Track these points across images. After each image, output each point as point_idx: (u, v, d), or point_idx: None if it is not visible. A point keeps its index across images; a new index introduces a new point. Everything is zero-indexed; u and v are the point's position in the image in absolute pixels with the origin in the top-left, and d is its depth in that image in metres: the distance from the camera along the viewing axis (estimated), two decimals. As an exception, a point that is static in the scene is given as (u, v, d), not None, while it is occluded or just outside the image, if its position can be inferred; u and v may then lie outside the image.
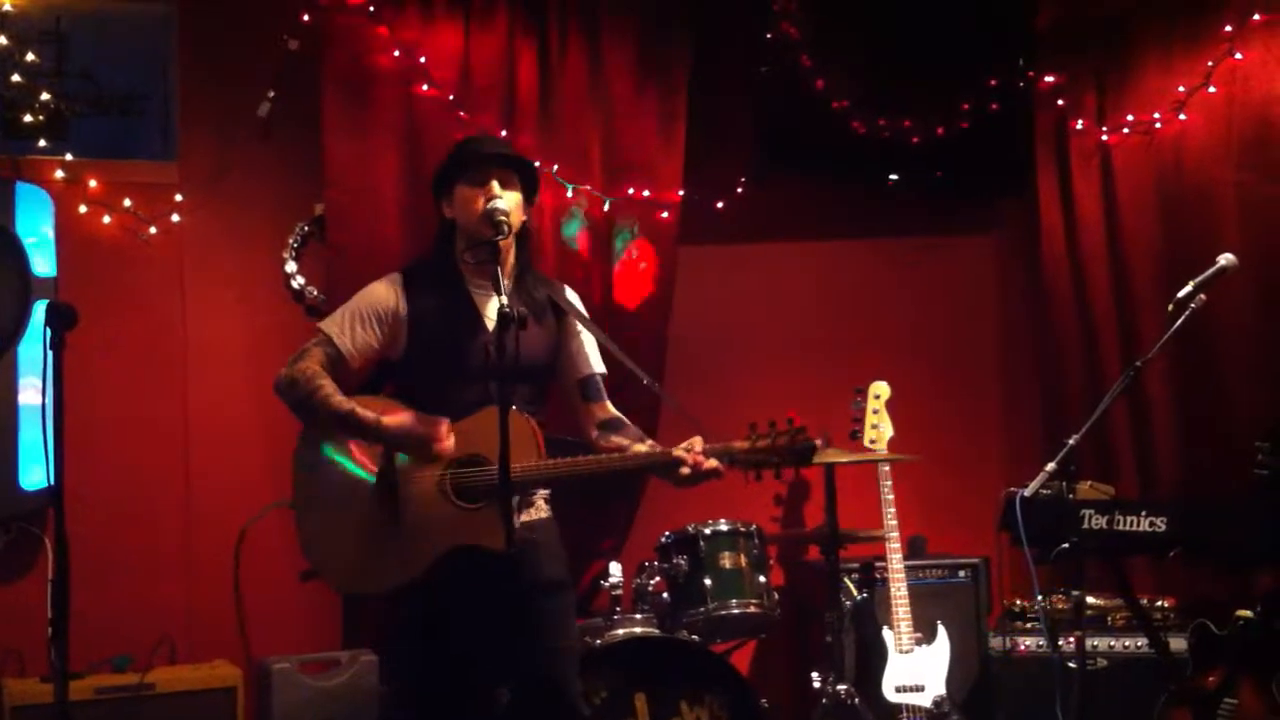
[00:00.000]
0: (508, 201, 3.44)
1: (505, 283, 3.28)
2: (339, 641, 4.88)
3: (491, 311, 3.46)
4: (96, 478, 4.56)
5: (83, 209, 4.82)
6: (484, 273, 3.48)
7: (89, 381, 4.47)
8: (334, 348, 3.46)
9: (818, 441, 3.41)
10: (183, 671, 4.57)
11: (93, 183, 4.83)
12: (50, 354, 2.97)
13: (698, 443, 3.33)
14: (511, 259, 3.52)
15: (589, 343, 3.65)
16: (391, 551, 3.34)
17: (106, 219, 4.85)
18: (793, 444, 3.31)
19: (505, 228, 3.38)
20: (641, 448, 3.46)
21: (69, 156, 4.79)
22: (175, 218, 4.92)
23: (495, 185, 3.45)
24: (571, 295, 3.71)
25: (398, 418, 3.33)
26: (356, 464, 3.43)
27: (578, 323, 3.63)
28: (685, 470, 3.31)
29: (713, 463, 3.31)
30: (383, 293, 3.51)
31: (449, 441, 3.31)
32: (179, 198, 4.92)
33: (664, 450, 3.38)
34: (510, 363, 3.09)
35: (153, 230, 4.90)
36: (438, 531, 3.33)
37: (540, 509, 3.56)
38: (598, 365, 3.66)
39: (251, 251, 5.07)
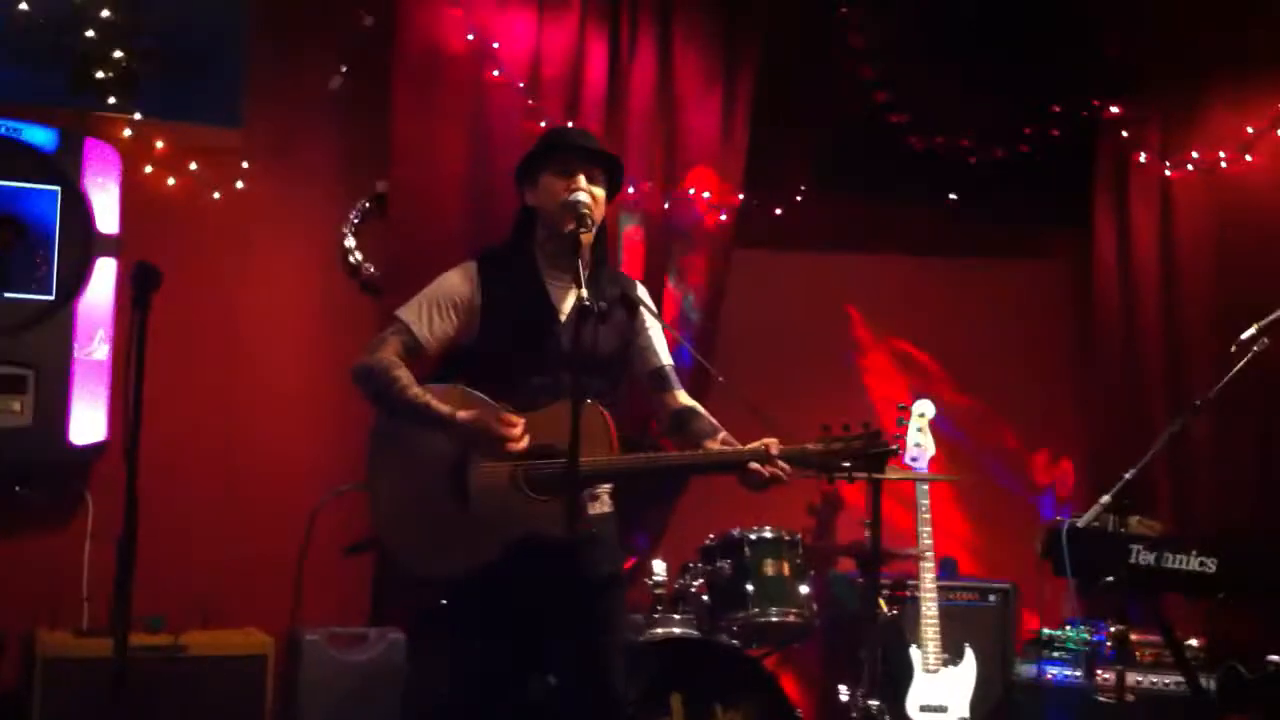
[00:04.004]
0: (591, 195, 3.45)
1: (584, 275, 3.28)
2: (366, 618, 4.89)
3: (565, 304, 3.50)
4: (141, 437, 4.56)
5: (148, 169, 4.84)
6: (561, 264, 3.49)
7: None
8: (411, 337, 3.46)
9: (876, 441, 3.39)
10: (215, 636, 4.57)
11: (159, 144, 4.84)
12: (137, 314, 2.99)
13: (774, 444, 3.32)
14: (589, 253, 3.52)
15: (658, 336, 3.66)
16: (460, 538, 3.35)
17: (171, 181, 4.86)
18: (870, 446, 3.30)
19: (589, 221, 3.38)
20: (715, 443, 3.45)
21: (138, 116, 4.79)
22: (239, 184, 4.93)
23: (582, 179, 3.46)
24: (642, 291, 3.72)
25: (472, 413, 3.33)
26: (433, 446, 3.41)
27: (648, 317, 3.64)
28: (759, 471, 3.29)
29: (783, 466, 3.30)
30: (459, 281, 3.51)
31: (523, 442, 3.31)
32: (245, 164, 4.94)
33: (740, 449, 3.36)
34: (586, 355, 3.10)
35: (216, 195, 4.91)
36: (507, 520, 3.33)
37: (604, 503, 3.57)
38: (667, 357, 3.67)
39: (311, 223, 5.09)
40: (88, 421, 4.56)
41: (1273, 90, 5.05)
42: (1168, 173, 5.37)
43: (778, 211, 5.47)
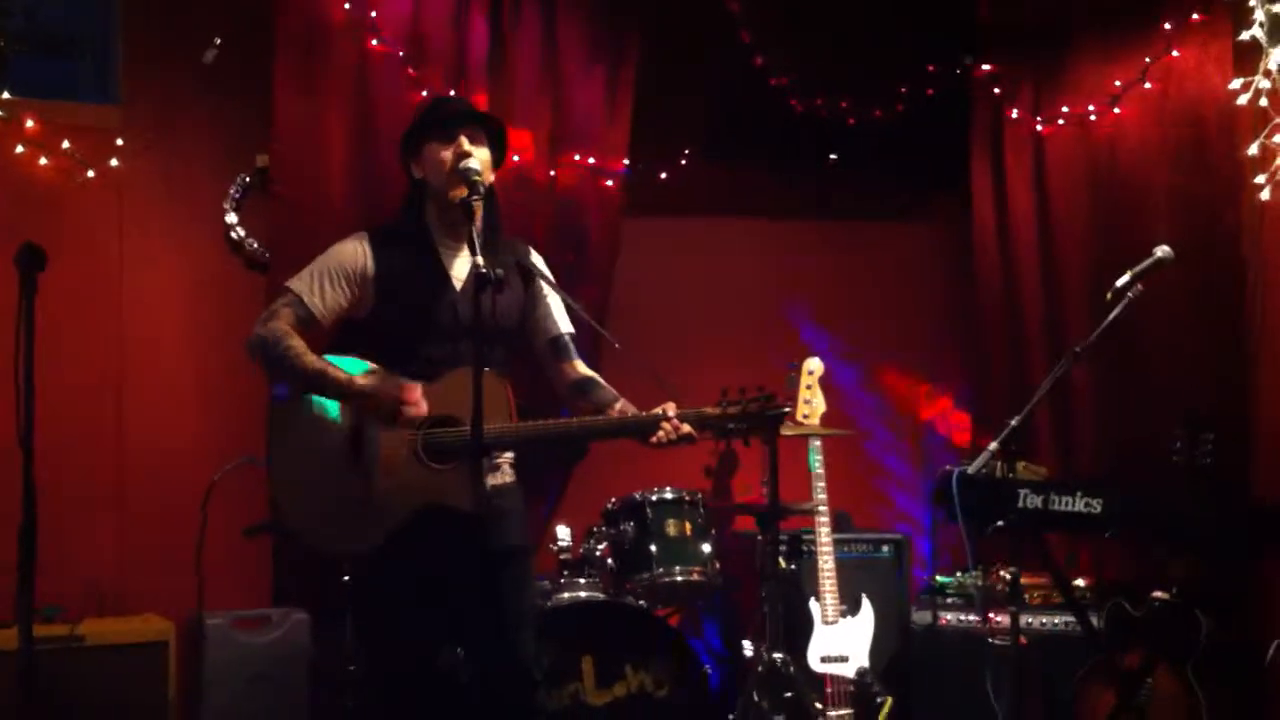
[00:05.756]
0: (478, 159, 3.43)
1: (478, 243, 3.27)
2: (269, 599, 4.86)
3: (459, 271, 3.48)
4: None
5: (19, 149, 4.71)
6: (454, 233, 3.48)
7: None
8: (304, 308, 3.41)
9: (769, 404, 3.47)
10: (114, 624, 4.52)
11: (30, 123, 4.71)
12: (24, 297, 2.92)
13: (671, 407, 3.39)
14: (481, 221, 3.50)
15: (556, 304, 3.67)
16: (362, 510, 3.33)
17: (44, 160, 4.74)
18: (763, 410, 3.37)
19: (479, 186, 3.36)
20: (616, 410, 3.48)
21: (6, 95, 4.65)
22: (114, 162, 4.83)
23: (464, 141, 3.44)
24: (536, 257, 3.71)
25: (369, 379, 3.32)
26: (331, 420, 3.39)
27: (544, 284, 3.65)
28: (662, 435, 3.35)
29: (688, 428, 3.36)
30: (351, 251, 3.47)
31: (421, 406, 3.30)
32: (120, 142, 4.83)
33: (643, 414, 3.42)
34: (485, 323, 3.11)
35: (91, 174, 4.80)
36: (409, 491, 3.33)
37: (506, 474, 3.58)
38: (566, 325, 3.68)
39: (192, 201, 5.00)
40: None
41: (1139, 43, 5.16)
42: (1040, 128, 5.48)
43: (663, 177, 5.49)
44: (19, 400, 2.94)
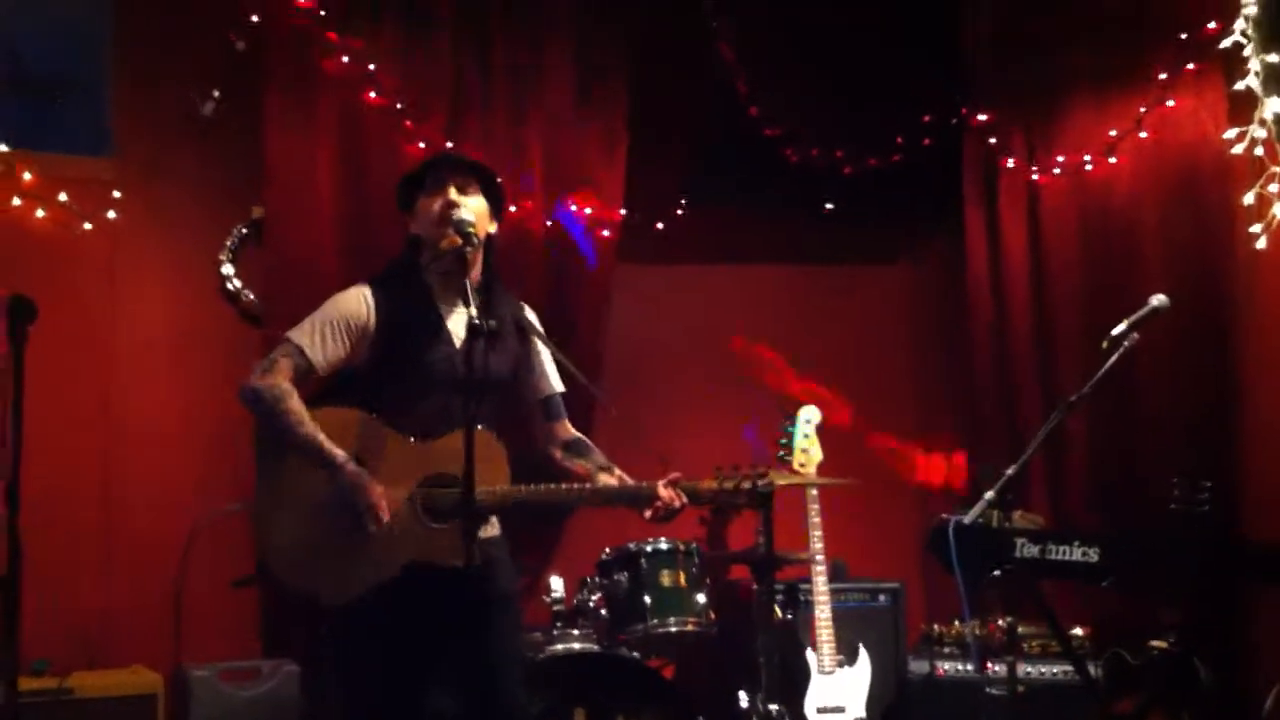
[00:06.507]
0: (468, 209, 3.43)
1: (472, 293, 3.27)
2: (259, 651, 4.82)
3: (456, 326, 3.46)
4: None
5: (16, 201, 4.71)
6: (451, 285, 3.47)
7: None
8: (304, 359, 3.40)
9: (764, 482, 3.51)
10: (102, 677, 4.48)
11: (27, 175, 4.72)
12: (13, 348, 2.92)
13: (675, 478, 3.45)
14: (477, 271, 3.49)
15: (549, 362, 3.67)
16: (354, 560, 3.32)
17: (41, 213, 4.75)
18: (755, 488, 3.43)
19: (473, 237, 3.37)
20: (611, 477, 3.51)
21: (3, 147, 4.67)
22: (111, 214, 4.84)
23: (452, 191, 3.45)
24: (530, 314, 3.72)
25: (359, 472, 3.32)
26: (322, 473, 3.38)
27: (539, 343, 3.64)
28: (660, 506, 3.41)
29: (683, 499, 3.42)
30: (353, 303, 3.45)
31: (381, 522, 3.31)
32: (116, 194, 4.84)
33: (642, 484, 3.48)
34: (478, 376, 3.11)
35: (87, 226, 4.81)
36: (402, 545, 3.32)
37: (493, 525, 3.57)
38: (558, 385, 3.68)
39: (187, 251, 5.01)
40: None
41: (1134, 92, 5.17)
42: (1035, 177, 5.49)
43: (659, 226, 5.50)
44: (5, 453, 2.92)
